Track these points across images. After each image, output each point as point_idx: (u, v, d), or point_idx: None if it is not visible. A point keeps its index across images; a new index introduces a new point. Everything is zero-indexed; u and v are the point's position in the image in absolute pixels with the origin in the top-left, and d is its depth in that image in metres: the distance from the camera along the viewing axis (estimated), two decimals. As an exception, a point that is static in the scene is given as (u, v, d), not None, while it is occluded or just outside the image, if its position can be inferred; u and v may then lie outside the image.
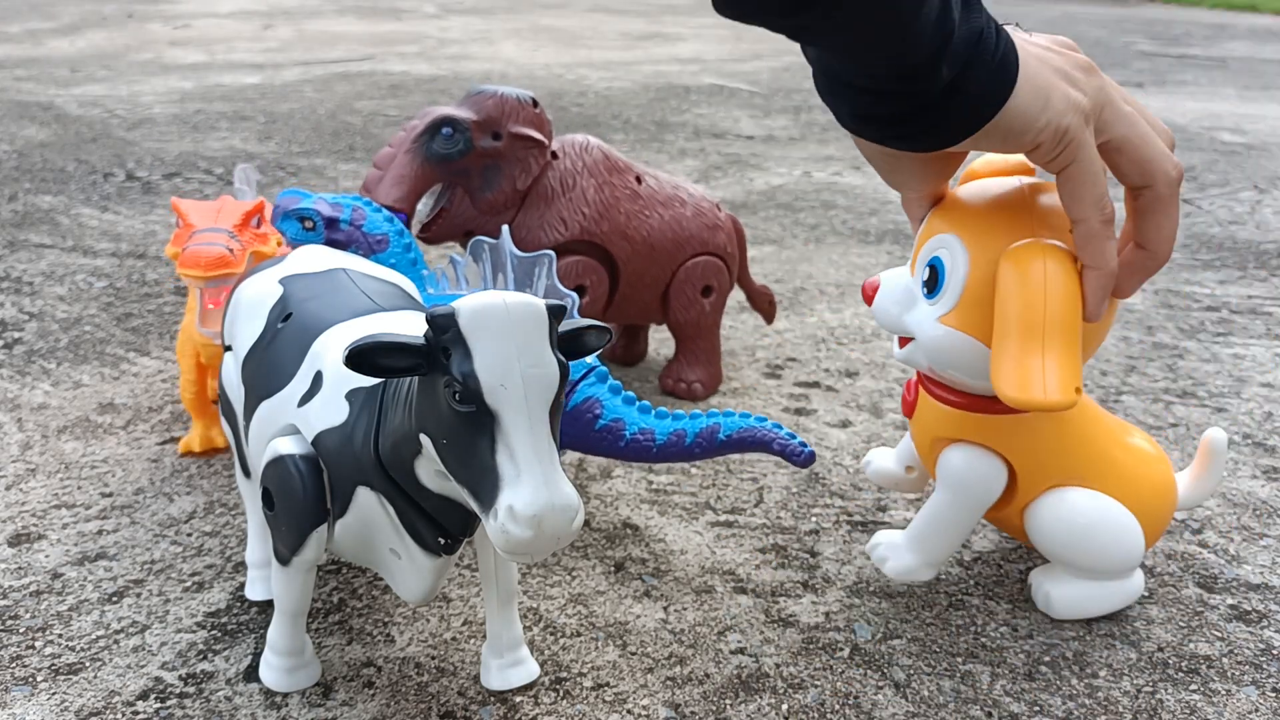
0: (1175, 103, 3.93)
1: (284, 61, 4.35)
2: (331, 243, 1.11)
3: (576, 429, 1.02)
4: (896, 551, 0.99)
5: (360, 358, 0.66)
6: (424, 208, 1.35)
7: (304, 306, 0.86)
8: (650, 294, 1.40)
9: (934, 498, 0.97)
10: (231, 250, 1.10)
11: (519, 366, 0.66)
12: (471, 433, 0.66)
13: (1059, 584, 0.98)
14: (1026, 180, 0.90)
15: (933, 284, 0.89)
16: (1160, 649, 0.96)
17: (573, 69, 4.38)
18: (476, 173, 1.30)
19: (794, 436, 0.99)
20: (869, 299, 0.95)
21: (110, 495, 1.17)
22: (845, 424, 1.37)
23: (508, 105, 1.30)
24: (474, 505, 0.67)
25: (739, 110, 3.60)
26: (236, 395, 0.90)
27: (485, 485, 0.65)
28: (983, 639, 0.96)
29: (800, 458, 0.98)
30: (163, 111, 3.32)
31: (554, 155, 1.35)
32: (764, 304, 1.55)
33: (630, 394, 1.02)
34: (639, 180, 1.38)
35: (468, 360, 0.65)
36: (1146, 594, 1.03)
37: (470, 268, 1.10)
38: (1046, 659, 0.94)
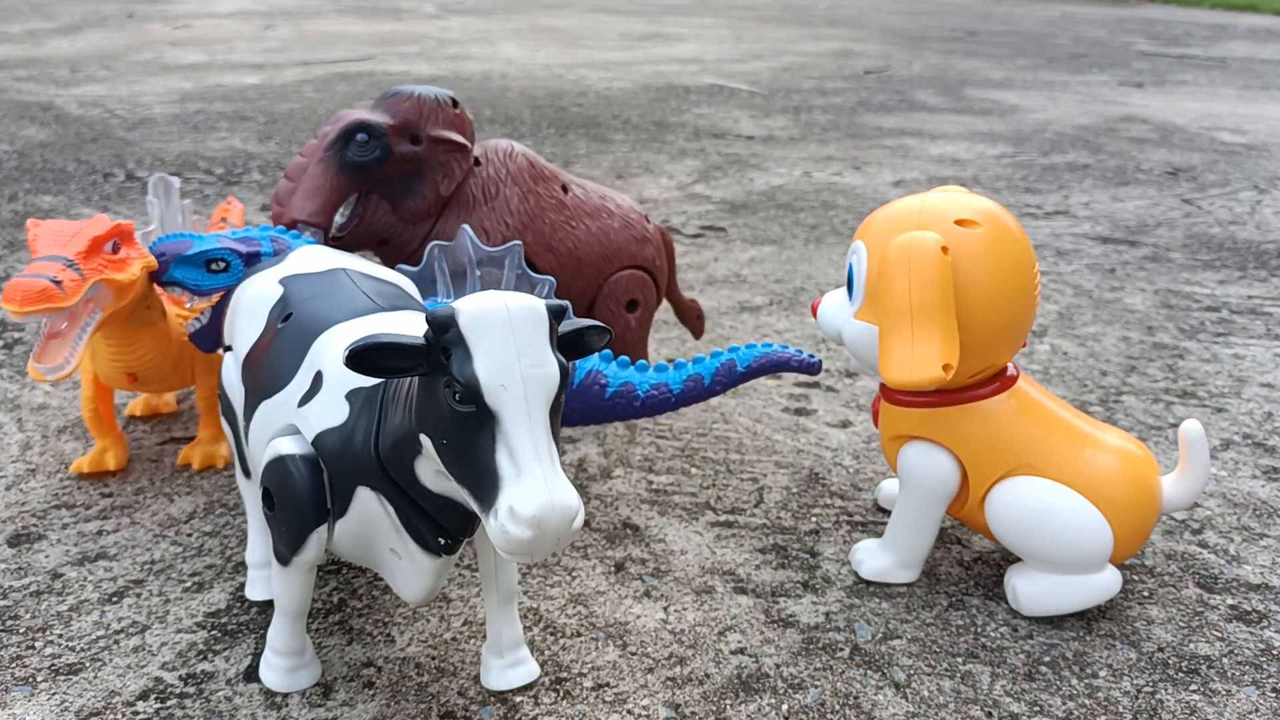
0: (1175, 103, 3.93)
1: (284, 62, 4.35)
2: None
3: (588, 403, 1.08)
4: (872, 554, 1.05)
5: (360, 358, 0.66)
6: (340, 218, 1.27)
7: (304, 306, 0.86)
8: (574, 308, 1.33)
9: (899, 498, 1.02)
10: (61, 282, 0.98)
11: (519, 367, 0.66)
12: (472, 433, 0.66)
13: (1027, 579, 0.99)
14: (930, 192, 0.99)
15: (851, 288, 0.98)
16: (1160, 649, 0.96)
17: (573, 69, 4.38)
18: (396, 180, 1.23)
19: (801, 351, 1.11)
20: (815, 313, 1.04)
21: (110, 495, 1.17)
22: (845, 424, 1.37)
23: (426, 107, 1.22)
24: (474, 505, 0.67)
25: (739, 110, 3.60)
26: (236, 395, 0.90)
27: (485, 485, 0.65)
28: (983, 639, 0.97)
29: (814, 367, 1.10)
30: (163, 112, 3.32)
31: (476, 161, 1.28)
32: (692, 318, 1.48)
33: (624, 358, 1.05)
34: (565, 189, 1.31)
35: (468, 360, 0.65)
36: (1146, 594, 1.03)
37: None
38: (1046, 659, 0.94)
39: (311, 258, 0.94)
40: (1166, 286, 1.94)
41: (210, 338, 1.11)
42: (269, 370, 0.83)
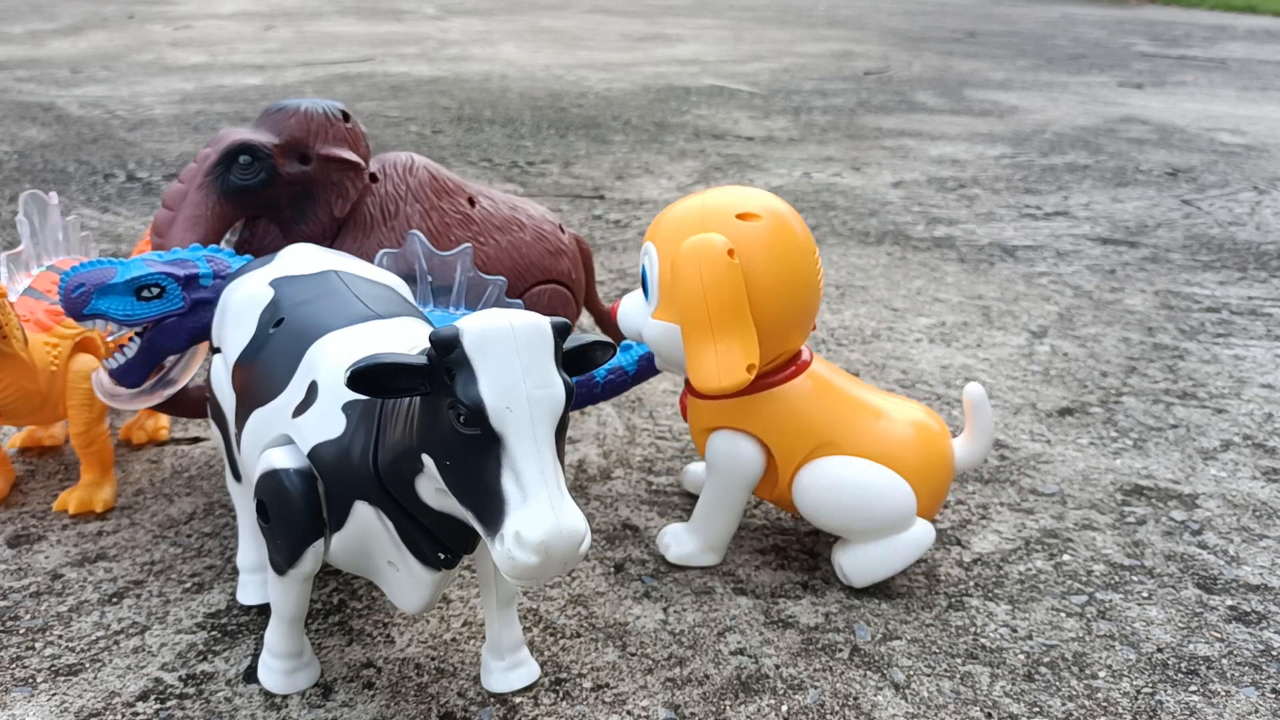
0: (1175, 103, 3.93)
1: (285, 63, 4.35)
2: (199, 303, 0.97)
3: None
4: (678, 539, 1.07)
5: (362, 379, 0.65)
6: (225, 245, 1.18)
7: (296, 312, 0.84)
8: None
9: (705, 485, 1.05)
10: None
11: (525, 388, 0.65)
12: (476, 455, 0.65)
13: (849, 554, 1.02)
14: (710, 190, 1.01)
15: (646, 289, 1.00)
16: (1160, 650, 0.96)
17: (573, 70, 4.38)
18: (286, 203, 1.13)
19: None
20: (614, 316, 1.06)
21: (110, 496, 1.17)
22: (845, 425, 1.37)
23: (314, 122, 1.13)
24: (478, 528, 0.66)
25: (738, 111, 3.60)
26: (227, 400, 0.88)
27: (490, 509, 0.64)
28: (982, 640, 0.97)
29: None
30: (164, 112, 3.32)
31: (374, 177, 1.19)
32: (612, 327, 1.40)
33: None
34: (472, 202, 1.23)
35: (473, 382, 0.64)
36: (1146, 594, 1.03)
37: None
38: (1046, 660, 0.94)
39: (302, 258, 0.92)
40: (1166, 287, 1.94)
41: (137, 372, 1.00)
42: (261, 377, 0.82)
